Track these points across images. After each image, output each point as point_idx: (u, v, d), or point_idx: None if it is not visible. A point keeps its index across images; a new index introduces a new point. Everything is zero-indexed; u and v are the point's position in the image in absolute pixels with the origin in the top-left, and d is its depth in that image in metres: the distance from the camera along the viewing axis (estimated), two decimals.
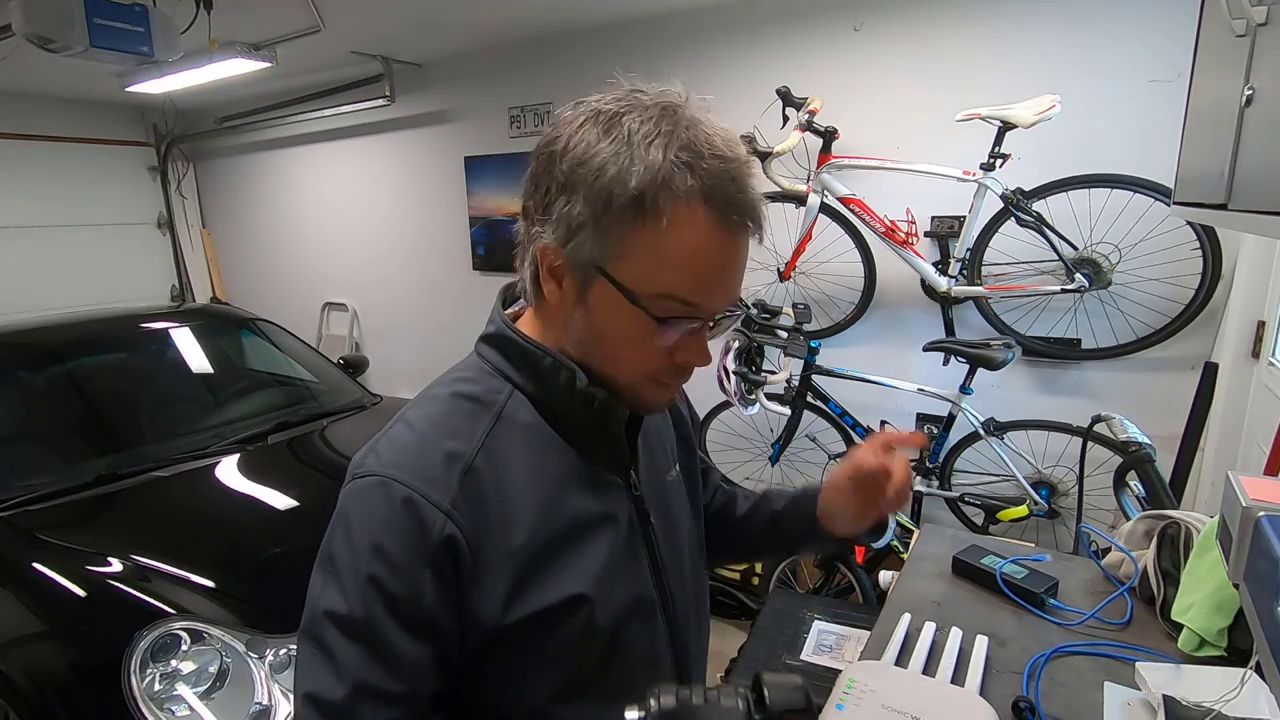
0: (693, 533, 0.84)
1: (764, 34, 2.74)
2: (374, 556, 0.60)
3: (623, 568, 0.70)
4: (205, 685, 1.43)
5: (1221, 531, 0.71)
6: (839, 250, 2.61)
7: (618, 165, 0.57)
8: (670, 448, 0.84)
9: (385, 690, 0.59)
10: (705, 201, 0.58)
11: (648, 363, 0.64)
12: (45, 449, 2.22)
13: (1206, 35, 1.10)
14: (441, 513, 0.60)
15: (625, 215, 0.58)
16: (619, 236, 0.59)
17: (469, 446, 0.64)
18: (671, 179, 0.57)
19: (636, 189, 0.57)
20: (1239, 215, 0.85)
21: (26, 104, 4.56)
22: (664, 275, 0.59)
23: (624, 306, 0.61)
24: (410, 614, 0.60)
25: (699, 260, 0.59)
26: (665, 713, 0.54)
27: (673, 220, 0.57)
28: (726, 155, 0.59)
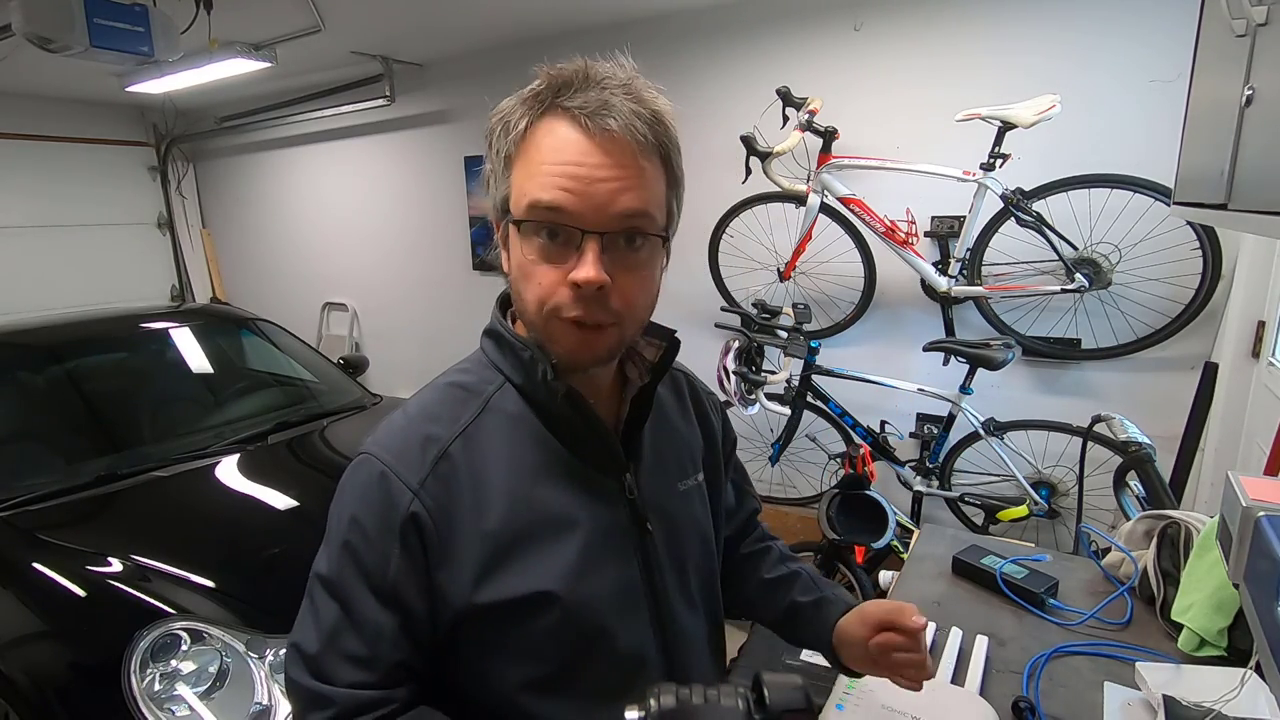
0: (704, 544, 0.82)
1: (764, 34, 2.74)
2: (350, 525, 0.65)
3: (603, 570, 0.69)
4: (205, 685, 1.42)
5: (1221, 531, 0.71)
6: (839, 250, 2.61)
7: (502, 112, 0.65)
8: (692, 457, 0.82)
9: (352, 651, 0.63)
10: (551, 108, 0.62)
11: (545, 293, 0.63)
12: (45, 449, 2.22)
13: (1206, 35, 1.10)
14: (410, 491, 0.64)
15: (500, 145, 0.64)
16: (505, 171, 0.64)
17: (448, 432, 0.67)
18: (530, 99, 0.63)
19: (504, 118, 0.64)
20: (1239, 215, 0.85)
21: (26, 104, 4.56)
22: (529, 186, 0.62)
23: (515, 237, 0.64)
24: (377, 582, 0.64)
25: (552, 160, 0.61)
26: (665, 712, 0.54)
27: (530, 134, 0.62)
28: (581, 68, 0.62)
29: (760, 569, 0.92)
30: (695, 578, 0.79)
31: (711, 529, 0.84)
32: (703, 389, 0.89)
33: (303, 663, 0.65)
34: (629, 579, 0.71)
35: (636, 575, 0.72)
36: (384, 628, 0.63)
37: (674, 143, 0.65)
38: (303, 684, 0.64)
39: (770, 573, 0.91)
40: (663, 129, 0.63)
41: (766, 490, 2.94)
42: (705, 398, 0.89)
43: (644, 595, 0.72)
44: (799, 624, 0.87)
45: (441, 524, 0.64)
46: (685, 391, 0.86)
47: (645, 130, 0.61)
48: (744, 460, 3.23)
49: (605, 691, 0.68)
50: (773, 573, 0.91)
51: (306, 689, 0.64)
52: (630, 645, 0.71)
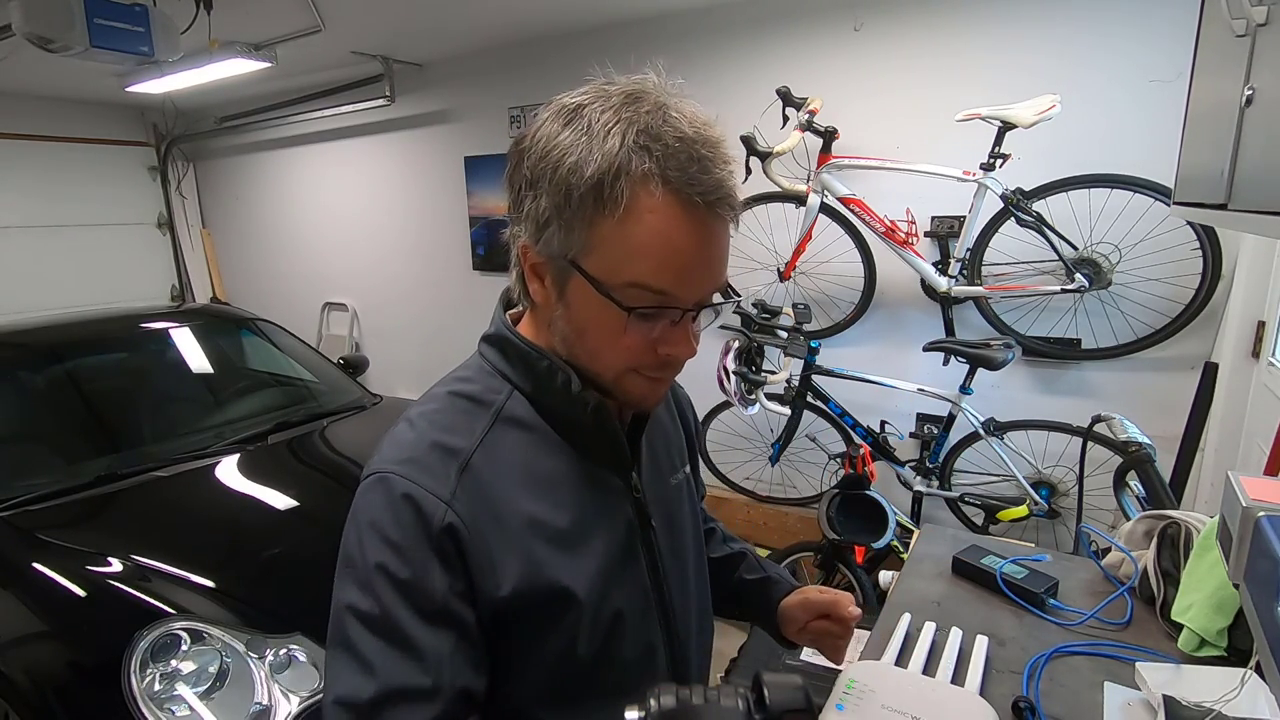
0: (696, 536, 0.84)
1: (764, 34, 2.74)
2: (381, 547, 0.61)
3: (618, 569, 0.69)
4: (205, 685, 1.42)
5: (1221, 531, 0.71)
6: (839, 250, 2.61)
7: (575, 155, 0.57)
8: (678, 451, 0.84)
9: (413, 686, 0.58)
10: (665, 184, 0.56)
11: (629, 356, 0.63)
12: (45, 449, 2.22)
13: (1206, 35, 1.10)
14: (443, 503, 0.61)
15: (586, 205, 0.57)
16: (584, 228, 0.58)
17: (468, 443, 0.65)
18: (628, 163, 0.56)
19: (593, 177, 0.56)
20: (1239, 215, 0.85)
21: (26, 104, 4.57)
22: (631, 264, 0.58)
23: (597, 299, 0.60)
24: (422, 601, 0.60)
25: (665, 245, 0.57)
26: (665, 713, 0.54)
27: (633, 206, 0.56)
28: (688, 135, 0.57)
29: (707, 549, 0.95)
30: (692, 570, 0.81)
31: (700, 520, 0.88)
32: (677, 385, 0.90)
33: (351, 713, 0.58)
34: (639, 577, 0.72)
35: (645, 573, 0.73)
36: (442, 651, 0.59)
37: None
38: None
39: (716, 552, 0.97)
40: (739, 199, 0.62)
41: (767, 490, 2.94)
42: (681, 393, 0.91)
43: (651, 592, 0.73)
44: (745, 600, 0.94)
45: (475, 534, 0.62)
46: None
47: (739, 205, 0.61)
48: (744, 460, 3.24)
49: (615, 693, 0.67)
50: (718, 552, 0.97)
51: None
52: (640, 644, 0.72)
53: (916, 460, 2.48)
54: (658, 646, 0.74)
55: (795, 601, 0.88)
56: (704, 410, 2.89)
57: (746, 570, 0.95)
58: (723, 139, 0.60)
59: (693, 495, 0.85)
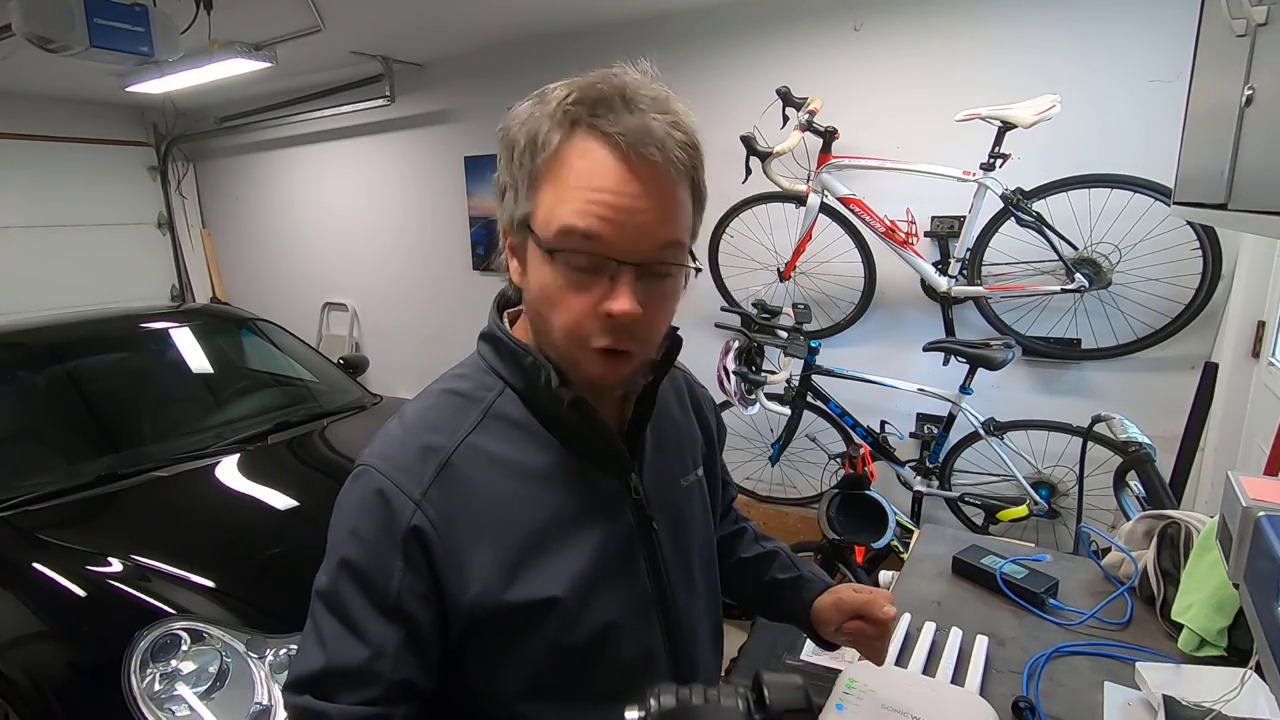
0: (706, 538, 0.83)
1: (764, 34, 2.74)
2: (349, 540, 0.63)
3: (611, 571, 0.68)
4: (205, 685, 1.42)
5: (1221, 531, 0.71)
6: (839, 250, 2.61)
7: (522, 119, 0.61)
8: (693, 452, 0.83)
9: (353, 668, 0.61)
10: (589, 127, 0.58)
11: (572, 319, 0.61)
12: (45, 449, 2.22)
13: (1206, 35, 1.10)
14: (412, 502, 0.62)
15: (525, 161, 0.60)
16: (527, 186, 0.61)
17: (450, 441, 0.65)
18: (559, 114, 0.58)
19: (530, 130, 0.60)
20: (1239, 215, 0.85)
21: (26, 104, 4.57)
22: (560, 208, 0.59)
23: (541, 258, 0.61)
24: (379, 598, 0.61)
25: (588, 186, 0.58)
26: (665, 713, 0.54)
27: (561, 151, 0.58)
28: (619, 85, 0.58)
29: (737, 549, 0.96)
30: (700, 573, 0.79)
31: (712, 523, 0.85)
32: (697, 386, 0.90)
33: (304, 683, 0.62)
34: (637, 579, 0.71)
35: (644, 575, 0.72)
36: (386, 644, 0.61)
37: (702, 163, 0.64)
38: (301, 704, 0.62)
39: (747, 552, 0.95)
40: (697, 153, 0.62)
41: (767, 490, 2.94)
42: (701, 394, 0.90)
43: (652, 594, 0.72)
44: (778, 600, 0.91)
45: (446, 534, 0.62)
46: (684, 389, 0.87)
47: (683, 157, 0.60)
48: (744, 460, 3.23)
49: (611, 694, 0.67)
50: (749, 551, 0.95)
51: (305, 709, 0.61)
52: (638, 646, 0.71)
53: (916, 460, 2.48)
54: (657, 650, 0.73)
55: (829, 602, 0.84)
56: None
57: (779, 570, 0.92)
58: (665, 95, 0.60)
59: (704, 497, 0.83)
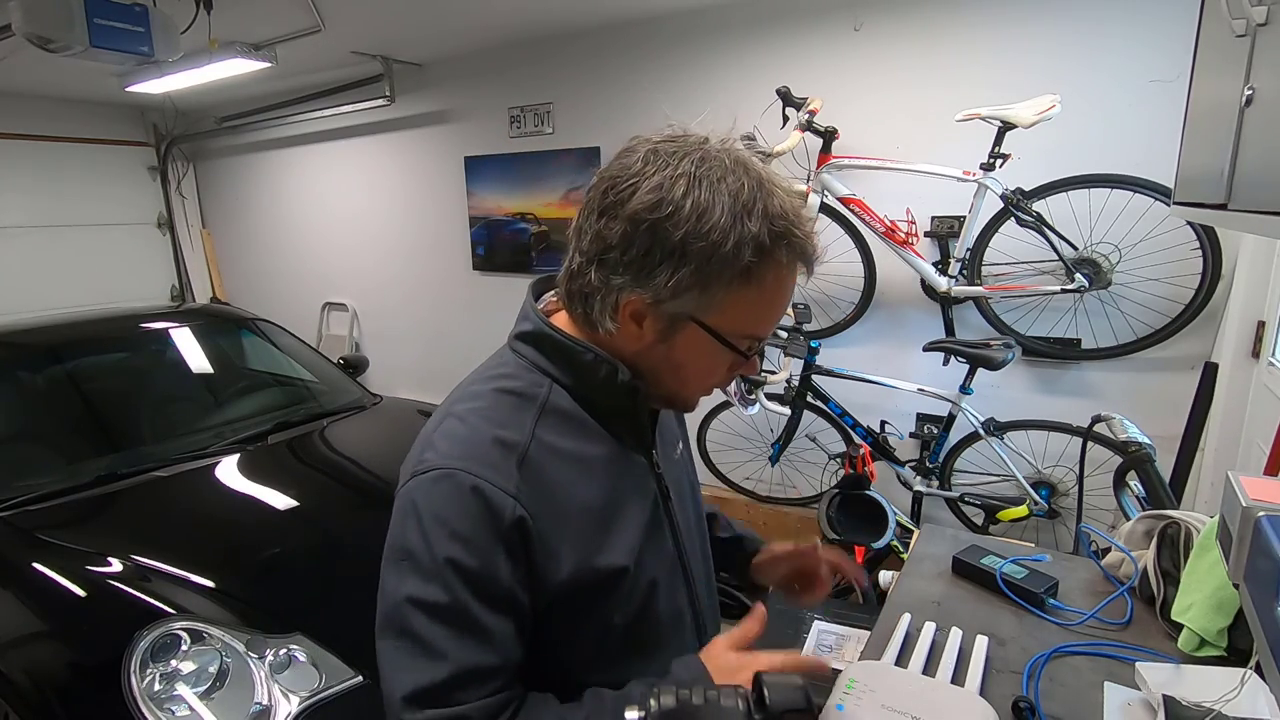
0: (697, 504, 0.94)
1: (764, 34, 2.74)
2: (449, 540, 0.64)
3: (652, 538, 0.77)
4: (205, 685, 1.42)
5: (1221, 531, 0.71)
6: (839, 250, 2.61)
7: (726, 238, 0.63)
8: (675, 427, 0.94)
9: (484, 665, 0.64)
10: (790, 256, 0.67)
11: (716, 382, 0.76)
12: (45, 449, 2.22)
13: (1206, 35, 1.10)
14: (510, 497, 0.66)
15: (734, 281, 0.66)
16: (723, 296, 0.66)
17: (522, 437, 0.70)
18: (773, 251, 0.65)
19: (747, 262, 0.64)
20: (1239, 215, 0.85)
21: (26, 104, 4.56)
22: (755, 321, 0.70)
23: (710, 345, 0.70)
24: (490, 590, 0.65)
25: (778, 304, 0.70)
26: (665, 713, 0.54)
27: (765, 272, 0.66)
28: (802, 221, 0.68)
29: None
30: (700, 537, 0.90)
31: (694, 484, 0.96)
32: None
33: (423, 701, 0.63)
34: (665, 543, 0.80)
35: (673, 539, 0.81)
36: (507, 633, 0.66)
37: None
38: (430, 718, 0.62)
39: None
40: None
41: (767, 490, 2.94)
42: None
43: (676, 557, 0.82)
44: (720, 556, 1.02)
45: (539, 523, 0.67)
46: None
47: None
48: (744, 460, 3.23)
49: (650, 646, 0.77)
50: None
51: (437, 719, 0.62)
52: (672, 602, 0.80)
53: (916, 460, 2.48)
54: (684, 606, 0.83)
55: (765, 560, 1.01)
56: (704, 411, 2.89)
57: (720, 529, 1.05)
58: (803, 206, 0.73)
59: (690, 465, 0.95)
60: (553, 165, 3.46)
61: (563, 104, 3.38)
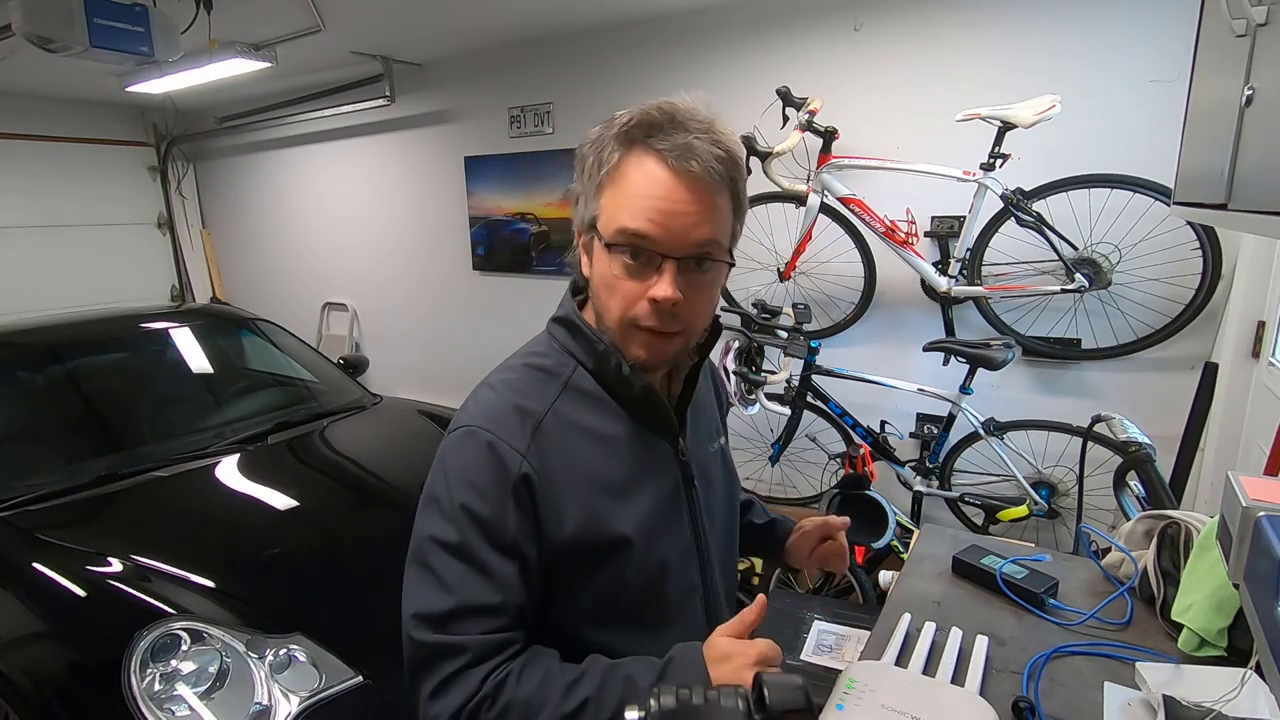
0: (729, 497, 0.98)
1: (764, 34, 2.74)
2: (465, 488, 0.73)
3: (666, 519, 0.82)
4: (205, 685, 1.42)
5: (1221, 531, 0.71)
6: (839, 250, 2.61)
7: (592, 140, 0.75)
8: (715, 424, 1.00)
9: (484, 603, 0.71)
10: (644, 146, 0.71)
11: (625, 303, 0.74)
12: (45, 449, 2.22)
13: (1206, 35, 1.10)
14: (519, 455, 0.74)
15: (593, 172, 0.74)
16: (594, 195, 0.75)
17: (540, 406, 0.78)
18: (622, 136, 0.72)
19: (597, 148, 0.74)
20: (1239, 215, 0.85)
21: (26, 104, 4.56)
22: (620, 214, 0.72)
23: (603, 252, 0.74)
24: (498, 537, 0.72)
25: (641, 195, 0.71)
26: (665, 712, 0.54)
27: (621, 166, 0.72)
28: (668, 108, 0.71)
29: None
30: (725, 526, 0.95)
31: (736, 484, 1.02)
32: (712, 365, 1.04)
33: (429, 623, 0.71)
34: (682, 528, 0.85)
35: (687, 524, 0.86)
36: (510, 576, 0.72)
37: (743, 176, 0.76)
38: (431, 641, 0.70)
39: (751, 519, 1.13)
40: (735, 168, 0.74)
41: (767, 490, 2.94)
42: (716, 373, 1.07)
43: (692, 541, 0.86)
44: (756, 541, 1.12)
45: (545, 483, 0.74)
46: (708, 368, 0.99)
47: (721, 170, 0.71)
48: (744, 460, 3.23)
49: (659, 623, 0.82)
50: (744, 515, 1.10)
51: (436, 644, 0.70)
52: (683, 584, 0.85)
53: (916, 460, 2.48)
54: (696, 588, 0.87)
55: (795, 538, 1.08)
56: None
57: (755, 516, 1.13)
58: (710, 118, 0.73)
59: (728, 461, 1.00)
60: (553, 165, 3.46)
61: (563, 104, 3.38)
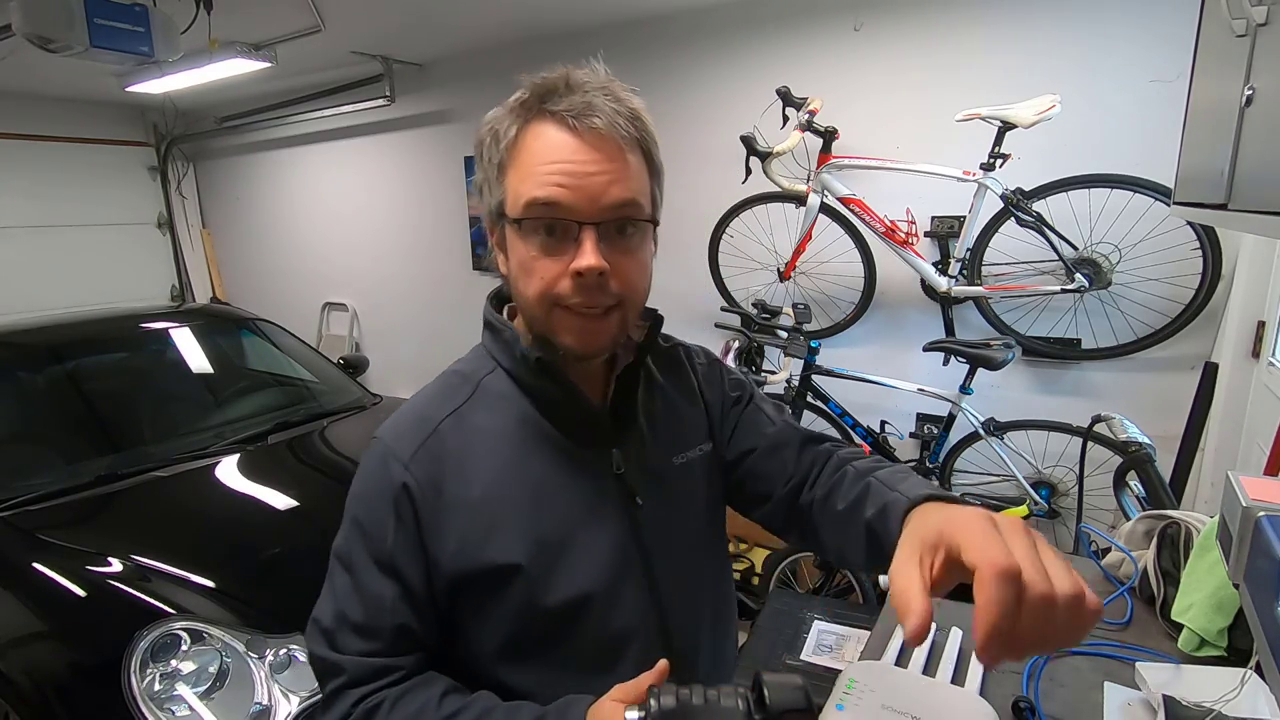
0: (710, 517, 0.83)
1: (764, 34, 2.74)
2: (356, 500, 0.72)
3: (586, 545, 0.71)
4: (205, 685, 1.42)
5: (1221, 531, 0.71)
6: (839, 250, 2.61)
7: (488, 122, 0.69)
8: (695, 429, 0.83)
9: (358, 620, 0.68)
10: (539, 112, 0.65)
11: (547, 284, 0.65)
12: (45, 449, 2.22)
13: (1206, 35, 1.10)
14: (400, 464, 0.69)
15: (491, 154, 0.68)
16: (498, 178, 0.68)
17: (440, 412, 0.72)
18: (517, 108, 0.66)
19: (493, 129, 0.68)
20: (1239, 215, 0.85)
21: (26, 104, 4.56)
22: (524, 187, 0.65)
23: (515, 235, 0.67)
24: (377, 552, 0.69)
25: (546, 160, 0.64)
26: (665, 713, 0.54)
27: (519, 138, 0.66)
28: (561, 73, 0.66)
29: (834, 503, 0.74)
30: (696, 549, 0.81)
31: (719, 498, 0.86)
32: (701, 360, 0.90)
33: (320, 634, 0.69)
34: (618, 553, 0.72)
35: (627, 548, 0.73)
36: (384, 597, 0.68)
37: (653, 137, 0.69)
38: (318, 654, 0.69)
39: (842, 503, 0.73)
40: (642, 124, 0.67)
41: None
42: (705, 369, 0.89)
43: (636, 568, 0.74)
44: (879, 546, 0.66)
45: (431, 495, 0.68)
46: (685, 366, 0.88)
47: (627, 126, 0.65)
48: None
49: (588, 665, 0.71)
50: (844, 503, 0.72)
51: (321, 659, 0.69)
52: (621, 621, 0.72)
53: (916, 460, 2.48)
54: (644, 627, 0.73)
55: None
56: None
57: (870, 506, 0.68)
58: (608, 80, 0.67)
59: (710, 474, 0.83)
60: None
61: None
